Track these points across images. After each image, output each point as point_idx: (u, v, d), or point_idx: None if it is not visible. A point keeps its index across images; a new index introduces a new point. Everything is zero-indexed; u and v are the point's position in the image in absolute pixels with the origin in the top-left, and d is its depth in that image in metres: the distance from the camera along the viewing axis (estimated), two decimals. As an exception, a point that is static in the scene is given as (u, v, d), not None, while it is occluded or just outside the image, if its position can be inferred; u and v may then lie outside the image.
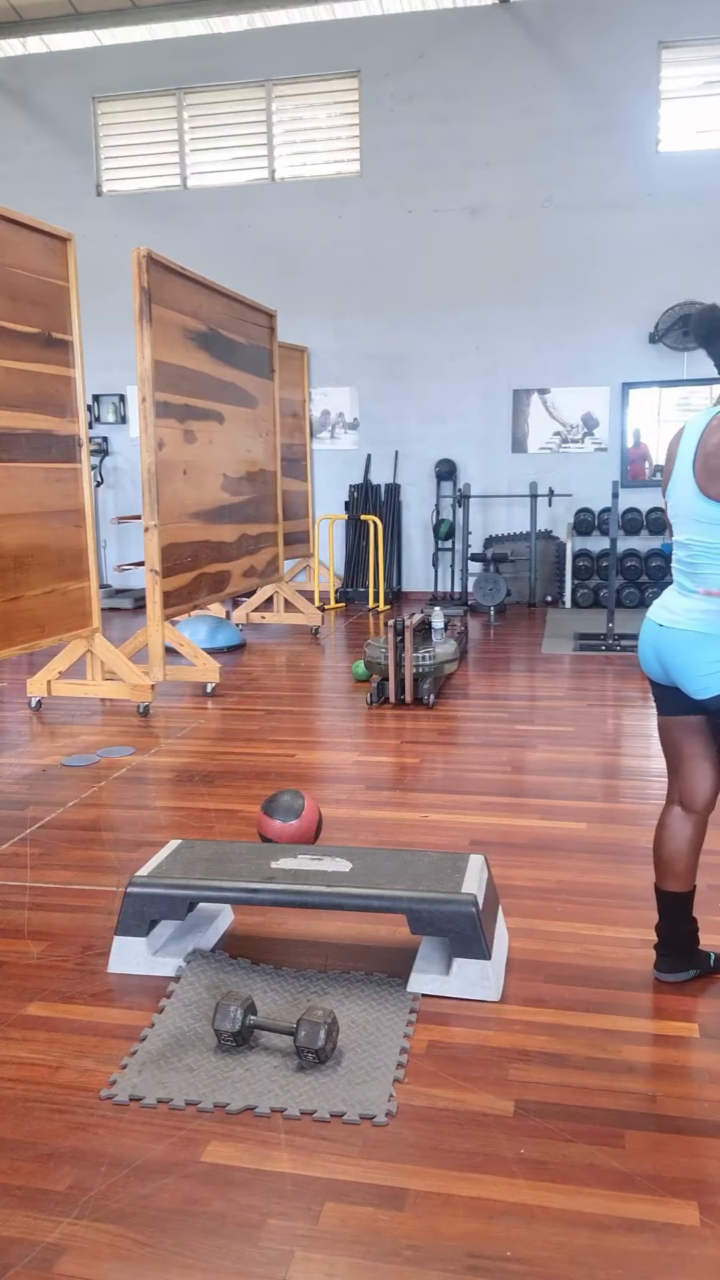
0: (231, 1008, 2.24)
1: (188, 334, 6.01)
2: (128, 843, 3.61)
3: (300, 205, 9.99)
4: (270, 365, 7.66)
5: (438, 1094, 2.11)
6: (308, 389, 10.03)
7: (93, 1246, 1.71)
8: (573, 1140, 1.96)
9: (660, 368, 9.49)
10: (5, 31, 9.91)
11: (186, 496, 5.98)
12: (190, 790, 4.20)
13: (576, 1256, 1.68)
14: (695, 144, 9.27)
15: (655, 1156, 1.91)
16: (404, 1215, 1.78)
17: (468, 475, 9.99)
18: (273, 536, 7.72)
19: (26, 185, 10.41)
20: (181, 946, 2.70)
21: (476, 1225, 1.75)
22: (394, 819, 3.80)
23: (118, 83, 10.18)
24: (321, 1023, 2.17)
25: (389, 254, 9.85)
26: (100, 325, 10.29)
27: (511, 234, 9.59)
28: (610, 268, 9.44)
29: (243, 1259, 1.69)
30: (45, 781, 4.37)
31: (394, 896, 2.50)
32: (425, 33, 9.46)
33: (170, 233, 10.18)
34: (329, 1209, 1.79)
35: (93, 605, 5.40)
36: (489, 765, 4.45)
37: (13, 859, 3.48)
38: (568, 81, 9.29)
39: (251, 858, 2.77)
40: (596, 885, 3.13)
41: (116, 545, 10.83)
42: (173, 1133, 2.01)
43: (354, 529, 10.13)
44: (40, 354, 4.89)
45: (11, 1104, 2.11)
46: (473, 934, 2.45)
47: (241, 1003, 2.25)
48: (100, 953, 2.75)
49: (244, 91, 10.05)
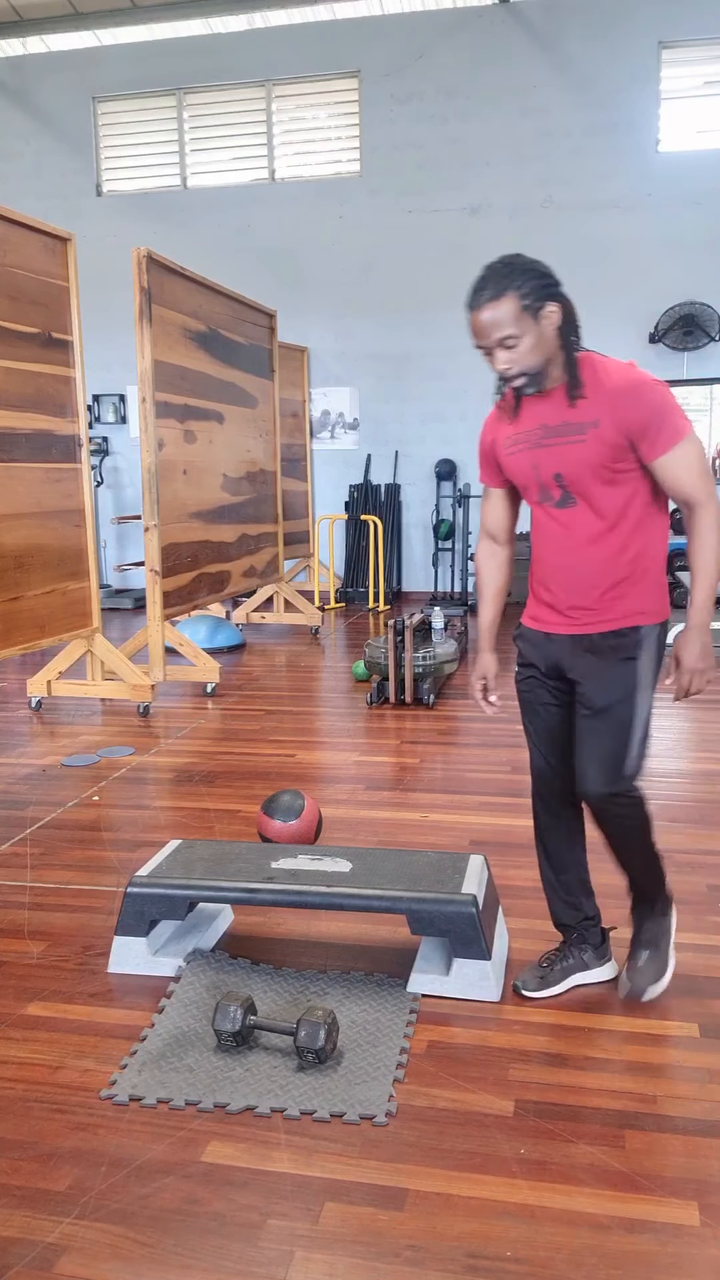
0: (231, 1008, 2.24)
1: (188, 334, 6.01)
2: (128, 843, 3.61)
3: (300, 205, 9.99)
4: (270, 365, 7.66)
5: (438, 1094, 2.11)
6: (308, 389, 10.03)
7: (93, 1246, 1.71)
8: (573, 1140, 1.96)
9: (660, 368, 9.48)
10: (5, 31, 9.91)
11: (186, 496, 5.98)
12: (190, 790, 4.20)
13: (576, 1256, 1.68)
14: (695, 144, 9.27)
15: (655, 1156, 1.91)
16: (404, 1215, 1.78)
17: (468, 475, 9.99)
18: (273, 536, 7.72)
19: (26, 185, 10.41)
20: (181, 946, 2.71)
21: (476, 1225, 1.75)
22: (394, 819, 3.80)
23: (118, 83, 10.18)
24: (321, 1023, 2.17)
25: (389, 254, 9.85)
26: (100, 325, 10.29)
27: (511, 234, 9.58)
28: (610, 268, 9.44)
29: (243, 1259, 1.69)
30: (45, 781, 4.37)
31: (394, 897, 2.50)
32: (425, 33, 9.46)
33: (170, 233, 10.18)
34: (329, 1209, 1.79)
35: (93, 605, 5.40)
36: (489, 765, 4.45)
37: (13, 859, 3.48)
38: (568, 81, 9.29)
39: (251, 858, 2.77)
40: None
41: (116, 545, 10.83)
42: (173, 1133, 2.01)
43: (354, 529, 10.13)
44: (40, 354, 4.89)
45: (11, 1104, 2.11)
46: (473, 934, 2.45)
47: (241, 1003, 2.25)
48: (100, 953, 2.75)
49: (244, 91, 10.05)
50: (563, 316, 2.11)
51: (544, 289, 2.09)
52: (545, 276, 2.11)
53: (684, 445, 2.11)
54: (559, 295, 2.12)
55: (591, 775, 2.24)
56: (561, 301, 2.12)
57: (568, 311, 2.13)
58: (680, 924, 2.87)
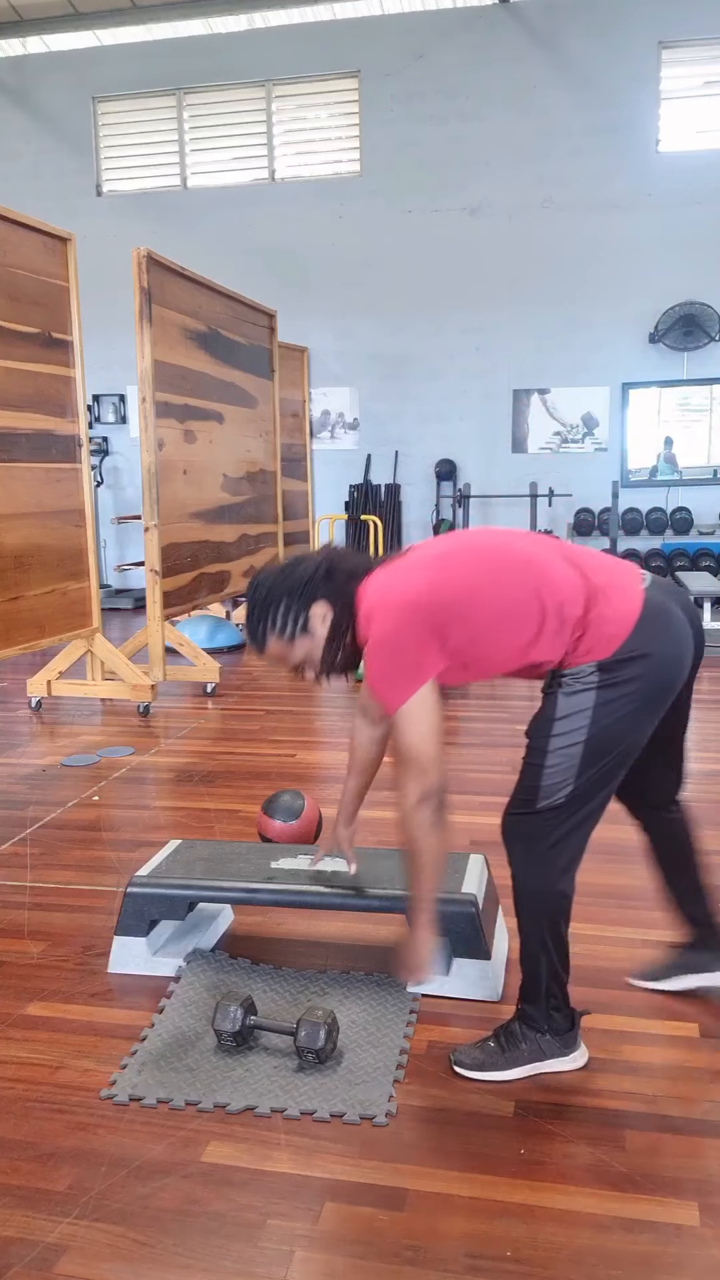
0: (231, 1008, 2.23)
1: (188, 334, 6.01)
2: (128, 843, 3.61)
3: (300, 205, 9.99)
4: (270, 365, 7.66)
5: (438, 1094, 2.11)
6: (308, 389, 10.02)
7: (93, 1246, 1.71)
8: (573, 1140, 1.96)
9: (660, 368, 9.49)
10: (5, 31, 9.91)
11: (186, 496, 5.98)
12: (190, 790, 4.20)
13: (576, 1256, 1.67)
14: (695, 144, 9.27)
15: (655, 1156, 1.91)
16: (404, 1215, 1.77)
17: (468, 475, 9.99)
18: (273, 536, 7.71)
19: (26, 185, 10.41)
20: (181, 946, 2.70)
21: (476, 1225, 1.75)
22: (394, 819, 3.80)
23: (118, 83, 10.18)
24: (321, 1023, 2.17)
25: (389, 254, 9.85)
26: (100, 325, 10.28)
27: (511, 234, 9.58)
28: (610, 268, 9.44)
29: (243, 1259, 1.69)
30: (45, 781, 4.37)
31: (394, 896, 2.50)
32: (425, 33, 9.46)
33: (170, 233, 10.17)
34: (329, 1209, 1.79)
35: (93, 605, 5.39)
36: (489, 765, 4.45)
37: (13, 859, 3.48)
38: (568, 81, 9.29)
39: (251, 858, 2.77)
40: (597, 885, 3.13)
41: (116, 545, 10.83)
42: (173, 1133, 2.01)
43: (354, 529, 10.13)
44: (40, 354, 4.89)
45: (11, 1104, 2.11)
46: (473, 934, 2.45)
47: (241, 1002, 2.25)
48: (100, 953, 2.75)
49: (244, 91, 10.05)
50: (328, 605, 2.01)
51: (298, 605, 2.00)
52: (294, 590, 2.01)
53: (394, 720, 1.99)
54: (313, 593, 2.01)
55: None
56: (317, 596, 2.01)
57: (328, 591, 2.01)
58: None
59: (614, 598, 1.98)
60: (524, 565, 2.00)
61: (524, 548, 2.04)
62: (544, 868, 2.03)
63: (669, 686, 2.00)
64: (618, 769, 2.02)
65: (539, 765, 2.01)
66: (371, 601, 1.98)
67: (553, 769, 1.99)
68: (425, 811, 1.97)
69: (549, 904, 2.06)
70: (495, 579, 1.98)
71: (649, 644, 1.96)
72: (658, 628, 1.97)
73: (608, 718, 1.96)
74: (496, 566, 2.00)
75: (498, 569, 1.99)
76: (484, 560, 2.01)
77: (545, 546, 2.06)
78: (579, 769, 1.98)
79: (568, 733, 1.98)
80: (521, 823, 2.05)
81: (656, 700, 1.99)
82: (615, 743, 1.98)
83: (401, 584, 1.96)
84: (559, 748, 1.98)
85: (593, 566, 2.04)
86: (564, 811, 2.00)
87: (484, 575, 1.99)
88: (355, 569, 2.04)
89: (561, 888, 2.05)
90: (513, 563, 2.00)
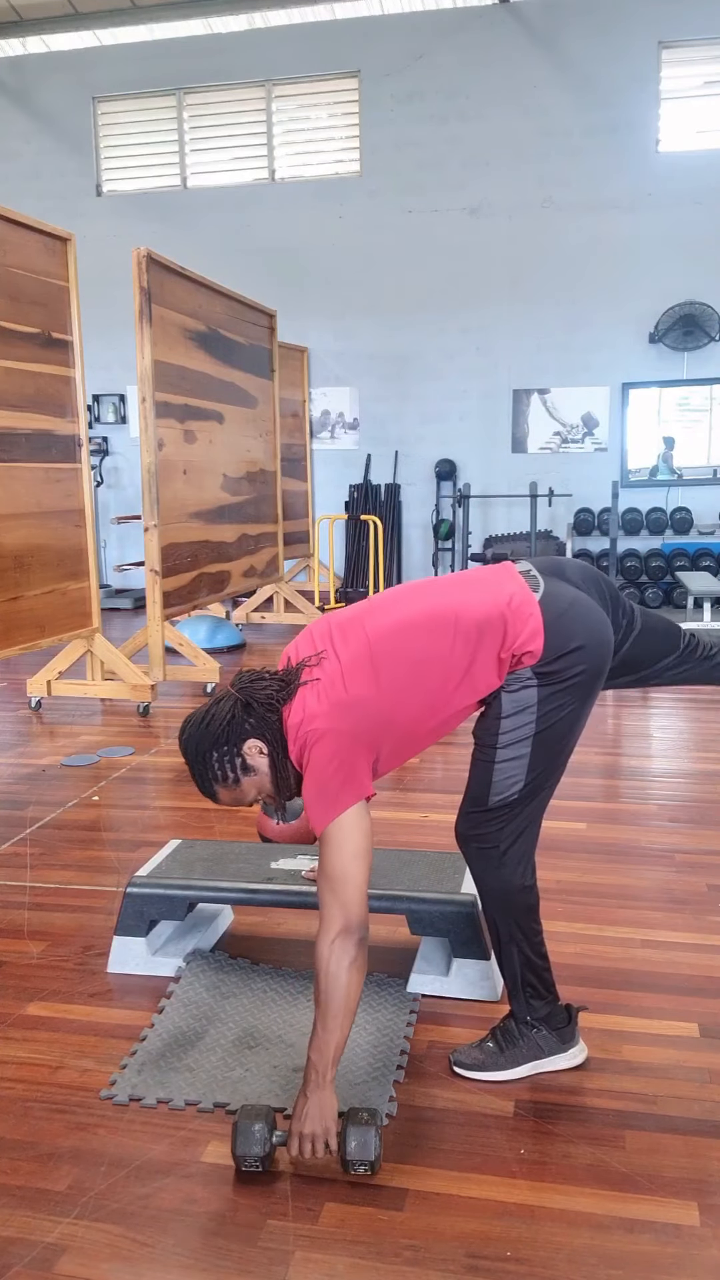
0: (255, 1127, 1.83)
1: (188, 334, 6.01)
2: (128, 843, 3.61)
3: (300, 205, 9.99)
4: (270, 365, 7.66)
5: (438, 1094, 2.11)
6: (308, 389, 10.03)
7: (93, 1246, 1.71)
8: (573, 1140, 1.96)
9: (660, 368, 9.49)
10: (5, 31, 9.90)
11: (186, 496, 5.98)
12: (190, 790, 4.20)
13: (576, 1256, 1.68)
14: (695, 144, 9.27)
15: (655, 1156, 1.91)
16: (404, 1215, 1.77)
17: (468, 475, 9.99)
18: (272, 536, 7.72)
19: (26, 185, 10.41)
20: (181, 946, 2.71)
21: (476, 1225, 1.75)
22: (394, 819, 3.80)
23: (118, 83, 10.18)
24: (371, 1125, 2.12)
25: (389, 254, 9.85)
26: (100, 325, 10.28)
27: (511, 234, 9.58)
28: (610, 268, 9.44)
29: (243, 1259, 1.69)
30: (45, 781, 4.37)
31: (394, 896, 2.50)
32: (425, 33, 9.46)
33: (170, 233, 10.17)
34: (329, 1209, 1.79)
35: (93, 605, 5.39)
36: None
37: (13, 859, 3.48)
38: (568, 81, 9.29)
39: (251, 858, 2.77)
40: (597, 885, 3.13)
41: (116, 545, 10.83)
42: (173, 1133, 2.01)
43: (354, 529, 10.13)
44: (40, 354, 4.89)
45: (11, 1104, 2.11)
46: (472, 934, 2.45)
47: (264, 1117, 1.85)
48: (100, 953, 2.75)
49: (244, 91, 10.05)
50: (258, 740, 1.97)
51: (230, 750, 1.97)
52: (219, 739, 1.97)
53: (322, 838, 1.90)
54: (240, 735, 1.97)
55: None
56: (246, 736, 1.97)
57: (254, 727, 1.96)
58: (680, 924, 2.86)
59: (520, 607, 1.97)
60: (451, 622, 1.97)
61: (437, 607, 2.00)
62: (502, 863, 2.05)
63: (604, 668, 2.02)
64: (565, 756, 2.05)
65: (490, 763, 2.03)
66: (302, 733, 1.92)
67: (503, 765, 2.01)
68: (347, 944, 1.84)
69: (513, 897, 2.08)
70: (418, 672, 1.94)
71: (573, 639, 1.96)
72: (572, 618, 1.97)
73: (555, 714, 1.99)
74: (417, 656, 1.95)
75: (419, 659, 1.95)
76: (405, 653, 1.95)
77: (452, 589, 2.03)
78: (529, 764, 2.00)
79: (516, 729, 2.00)
80: (476, 822, 2.07)
81: (595, 686, 2.02)
82: (563, 735, 2.02)
83: (326, 712, 1.91)
84: (508, 744, 2.00)
85: (485, 583, 2.03)
86: (517, 806, 2.03)
87: (408, 672, 1.94)
88: (271, 698, 1.96)
89: (521, 879, 2.07)
90: (431, 633, 1.96)
